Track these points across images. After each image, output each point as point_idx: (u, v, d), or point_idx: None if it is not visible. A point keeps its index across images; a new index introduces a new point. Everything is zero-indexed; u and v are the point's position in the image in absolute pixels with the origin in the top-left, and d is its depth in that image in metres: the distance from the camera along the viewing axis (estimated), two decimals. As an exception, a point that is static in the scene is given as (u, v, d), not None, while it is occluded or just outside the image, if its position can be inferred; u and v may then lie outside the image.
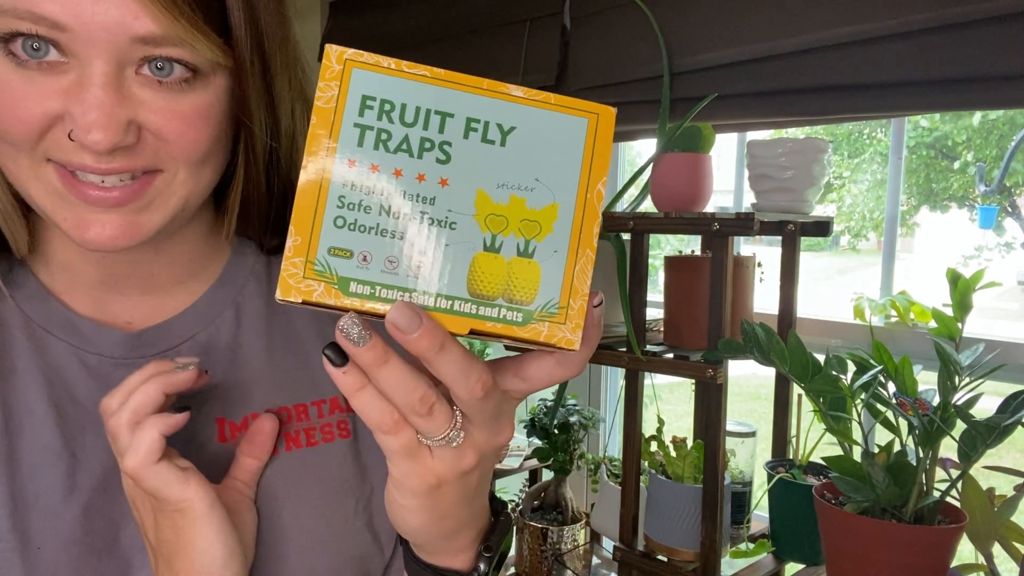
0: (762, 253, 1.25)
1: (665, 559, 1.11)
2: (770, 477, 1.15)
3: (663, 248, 3.95)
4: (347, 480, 0.58)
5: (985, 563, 0.85)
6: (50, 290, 0.55)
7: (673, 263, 1.18)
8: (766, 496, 1.16)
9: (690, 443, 1.13)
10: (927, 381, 0.91)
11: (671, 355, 1.09)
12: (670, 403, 2.90)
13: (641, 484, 1.17)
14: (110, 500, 0.51)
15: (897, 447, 0.90)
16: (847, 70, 1.17)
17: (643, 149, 2.78)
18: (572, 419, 1.46)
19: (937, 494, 0.87)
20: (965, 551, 0.87)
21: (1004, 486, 0.88)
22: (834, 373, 0.91)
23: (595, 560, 1.47)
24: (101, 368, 0.54)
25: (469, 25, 1.72)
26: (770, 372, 1.07)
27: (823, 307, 1.40)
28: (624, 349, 1.12)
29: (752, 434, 1.23)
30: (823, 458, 1.01)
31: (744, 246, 1.46)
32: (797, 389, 1.20)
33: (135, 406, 0.46)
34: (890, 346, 0.93)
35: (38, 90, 0.45)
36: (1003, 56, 1.03)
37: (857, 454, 0.92)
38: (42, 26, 0.43)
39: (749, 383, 5.36)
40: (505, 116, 0.38)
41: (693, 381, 1.19)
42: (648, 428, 1.21)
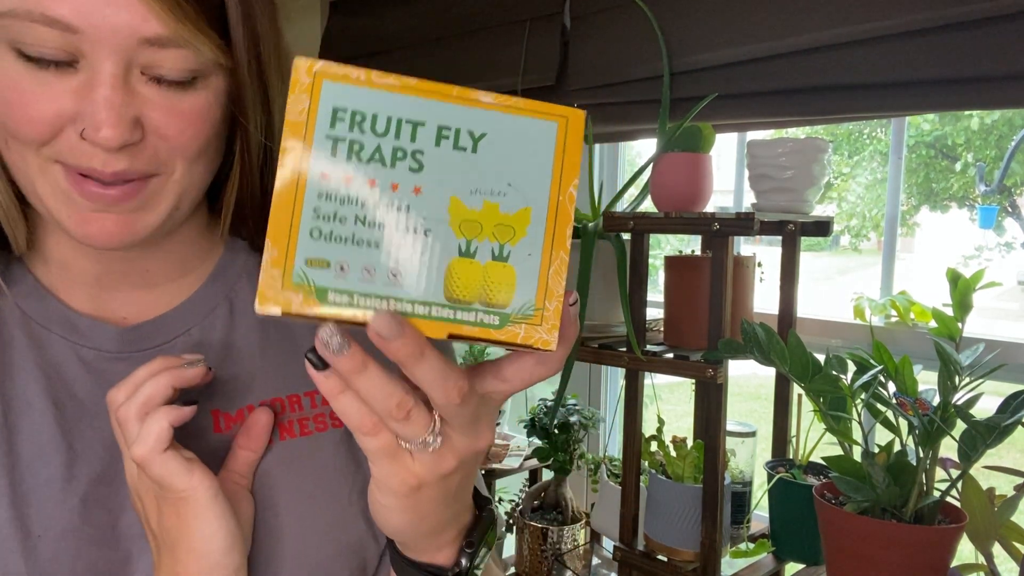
0: (762, 253, 1.25)
1: (665, 559, 1.11)
2: (770, 477, 1.15)
3: (663, 248, 3.95)
4: (341, 468, 0.59)
5: (985, 563, 0.85)
6: (47, 287, 0.57)
7: (673, 263, 1.18)
8: (766, 496, 1.16)
9: (690, 443, 1.13)
10: (927, 381, 0.91)
11: (671, 355, 1.09)
12: (670, 403, 2.90)
13: (641, 484, 1.17)
14: (108, 491, 0.53)
15: (897, 447, 0.90)
16: (847, 70, 1.17)
17: (643, 149, 2.79)
18: (572, 419, 1.46)
19: (937, 494, 0.87)
20: (965, 551, 0.87)
21: (1004, 486, 0.87)
22: (834, 373, 0.91)
23: (595, 560, 1.47)
24: (97, 363, 0.55)
25: (469, 25, 1.72)
26: (770, 372, 1.07)
27: (823, 307, 1.40)
28: (624, 349, 1.12)
29: (752, 434, 1.23)
30: (823, 458, 1.01)
31: (744, 246, 1.46)
32: (797, 389, 1.20)
33: (145, 397, 0.48)
34: (890, 346, 0.93)
35: (49, 90, 0.47)
36: (1003, 56, 1.03)
37: (857, 454, 0.92)
38: (55, 29, 0.45)
39: (749, 383, 5.37)
40: (476, 123, 0.39)
41: (693, 381, 1.19)
42: (648, 428, 1.21)
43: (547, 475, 1.58)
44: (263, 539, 0.54)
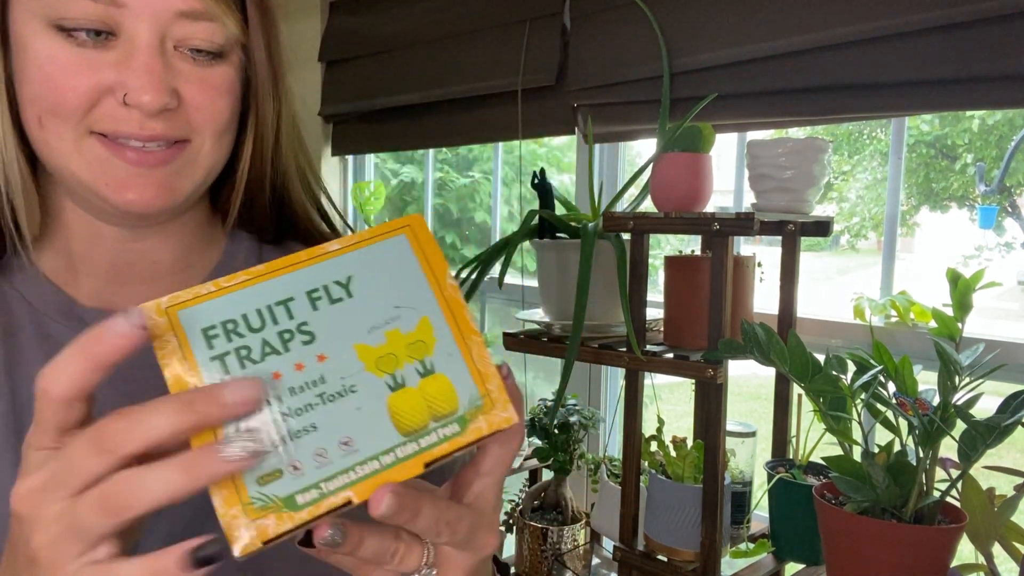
0: (762, 253, 1.25)
1: (665, 559, 1.11)
2: (770, 477, 1.15)
3: (663, 248, 3.95)
4: None
5: (985, 563, 0.85)
6: (53, 281, 0.58)
7: (673, 263, 1.18)
8: (766, 496, 1.16)
9: (690, 443, 1.13)
10: (927, 381, 0.91)
11: (671, 355, 1.09)
12: (670, 403, 2.90)
13: (641, 484, 1.17)
14: None
15: (897, 447, 0.90)
16: (847, 70, 1.17)
17: (643, 149, 2.78)
18: (572, 419, 1.46)
19: (937, 494, 0.87)
20: (965, 551, 0.87)
21: (1004, 486, 0.87)
22: (834, 373, 0.91)
23: (595, 560, 1.47)
24: None
25: (469, 25, 1.72)
26: (770, 372, 1.07)
27: (823, 307, 1.40)
28: (624, 349, 1.12)
29: (752, 434, 1.23)
30: (823, 458, 1.01)
31: (744, 246, 1.46)
32: (797, 389, 1.20)
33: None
34: (890, 346, 0.93)
35: (90, 63, 0.50)
36: (1003, 56, 1.03)
37: (857, 454, 0.92)
38: (100, 3, 0.49)
39: (749, 383, 5.37)
40: (337, 272, 0.40)
41: (693, 381, 1.19)
42: (648, 428, 1.21)
43: (547, 475, 1.58)
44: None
